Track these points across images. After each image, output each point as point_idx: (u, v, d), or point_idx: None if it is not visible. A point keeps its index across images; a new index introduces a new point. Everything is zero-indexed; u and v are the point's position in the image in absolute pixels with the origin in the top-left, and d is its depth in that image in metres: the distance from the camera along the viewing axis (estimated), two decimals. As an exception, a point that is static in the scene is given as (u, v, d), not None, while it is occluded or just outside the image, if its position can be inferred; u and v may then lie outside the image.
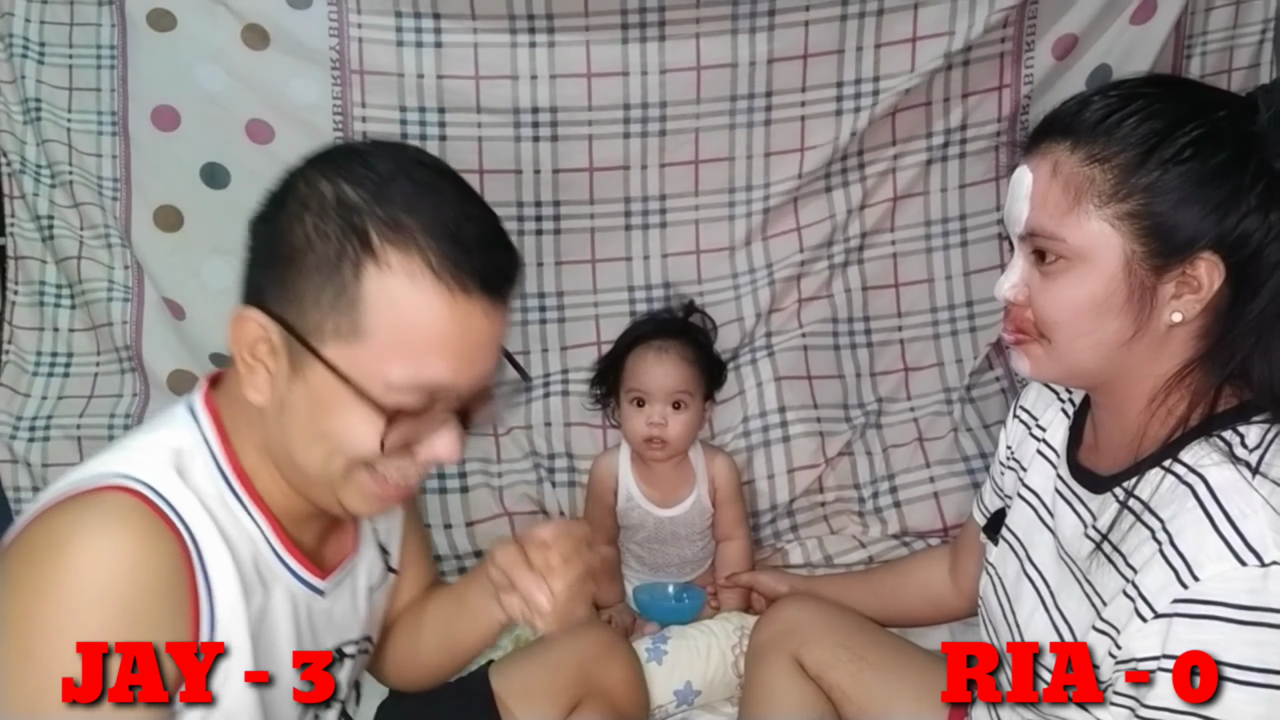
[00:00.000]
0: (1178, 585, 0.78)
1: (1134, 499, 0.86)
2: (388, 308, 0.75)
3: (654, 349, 1.56)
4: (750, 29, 1.73)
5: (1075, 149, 0.85)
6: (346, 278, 0.74)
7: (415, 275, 0.74)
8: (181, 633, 0.76)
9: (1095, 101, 0.86)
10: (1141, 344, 0.86)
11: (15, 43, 1.87)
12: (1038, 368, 0.91)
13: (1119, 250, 0.83)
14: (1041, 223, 0.86)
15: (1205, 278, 0.83)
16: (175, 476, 0.79)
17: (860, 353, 1.95)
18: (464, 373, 0.78)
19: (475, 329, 0.77)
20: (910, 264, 1.93)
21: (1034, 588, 0.98)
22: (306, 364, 0.77)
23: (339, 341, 0.76)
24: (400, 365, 0.75)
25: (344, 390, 0.76)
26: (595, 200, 1.85)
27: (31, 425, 1.88)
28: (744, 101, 1.79)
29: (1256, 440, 0.82)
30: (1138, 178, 0.83)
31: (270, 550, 0.84)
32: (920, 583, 1.37)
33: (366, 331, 0.75)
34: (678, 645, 1.48)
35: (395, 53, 1.72)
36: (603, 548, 1.65)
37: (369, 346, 0.75)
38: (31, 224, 1.93)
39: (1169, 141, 0.82)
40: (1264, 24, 1.86)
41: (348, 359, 0.76)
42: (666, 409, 1.54)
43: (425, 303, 0.75)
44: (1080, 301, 0.85)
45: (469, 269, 0.75)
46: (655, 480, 1.63)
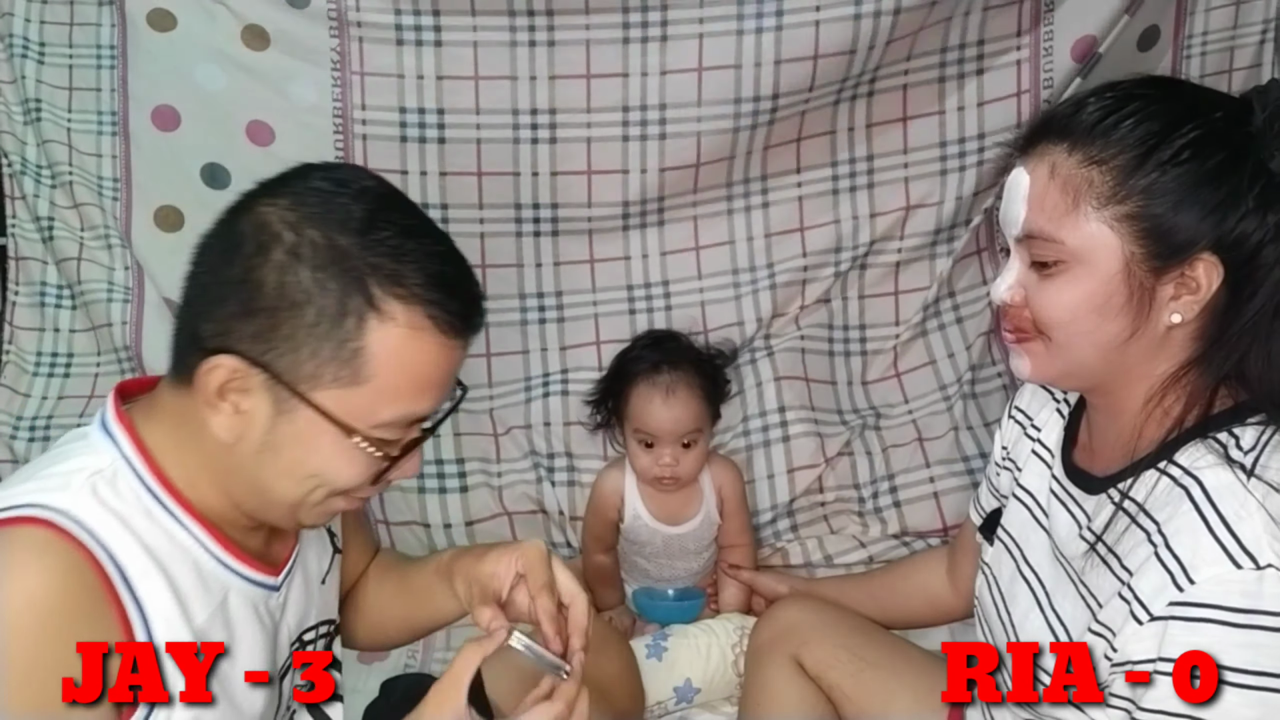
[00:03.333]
0: (1173, 588, 0.78)
1: (1129, 500, 0.86)
2: (390, 357, 0.77)
3: (661, 389, 1.50)
4: (756, 29, 1.71)
5: (1073, 151, 0.85)
6: (349, 330, 0.76)
7: (417, 326, 0.77)
8: None
9: (1091, 103, 0.86)
10: (1140, 345, 0.86)
11: (15, 43, 1.88)
12: (1038, 366, 0.91)
13: (1118, 252, 0.83)
14: (1039, 224, 0.86)
15: (1204, 279, 0.83)
16: (92, 500, 0.77)
17: (854, 360, 1.94)
18: (441, 401, 0.83)
19: (456, 362, 0.82)
20: (913, 272, 1.92)
21: (1029, 588, 0.98)
22: (294, 407, 0.77)
23: (336, 387, 0.77)
24: (394, 406, 0.79)
25: (335, 431, 0.78)
26: (593, 202, 1.84)
27: (32, 425, 1.89)
28: (749, 104, 1.75)
29: (1252, 442, 0.82)
30: (1136, 179, 0.83)
31: (212, 558, 0.83)
32: (918, 583, 1.37)
33: (367, 378, 0.77)
34: (678, 643, 1.48)
35: (395, 52, 1.72)
36: (598, 556, 1.65)
37: (366, 392, 0.77)
38: (32, 225, 1.93)
39: (1167, 143, 0.82)
40: (1264, 24, 1.86)
41: (341, 402, 0.77)
42: (676, 449, 1.51)
43: (424, 350, 0.78)
44: (1079, 302, 0.85)
45: (458, 313, 0.79)
46: (662, 500, 1.60)
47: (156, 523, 0.80)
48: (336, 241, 0.76)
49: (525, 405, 1.89)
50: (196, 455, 0.81)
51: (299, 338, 0.76)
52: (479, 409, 1.89)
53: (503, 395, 1.90)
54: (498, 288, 1.86)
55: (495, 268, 1.86)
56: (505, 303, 1.88)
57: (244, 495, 0.83)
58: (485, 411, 1.89)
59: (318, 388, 0.77)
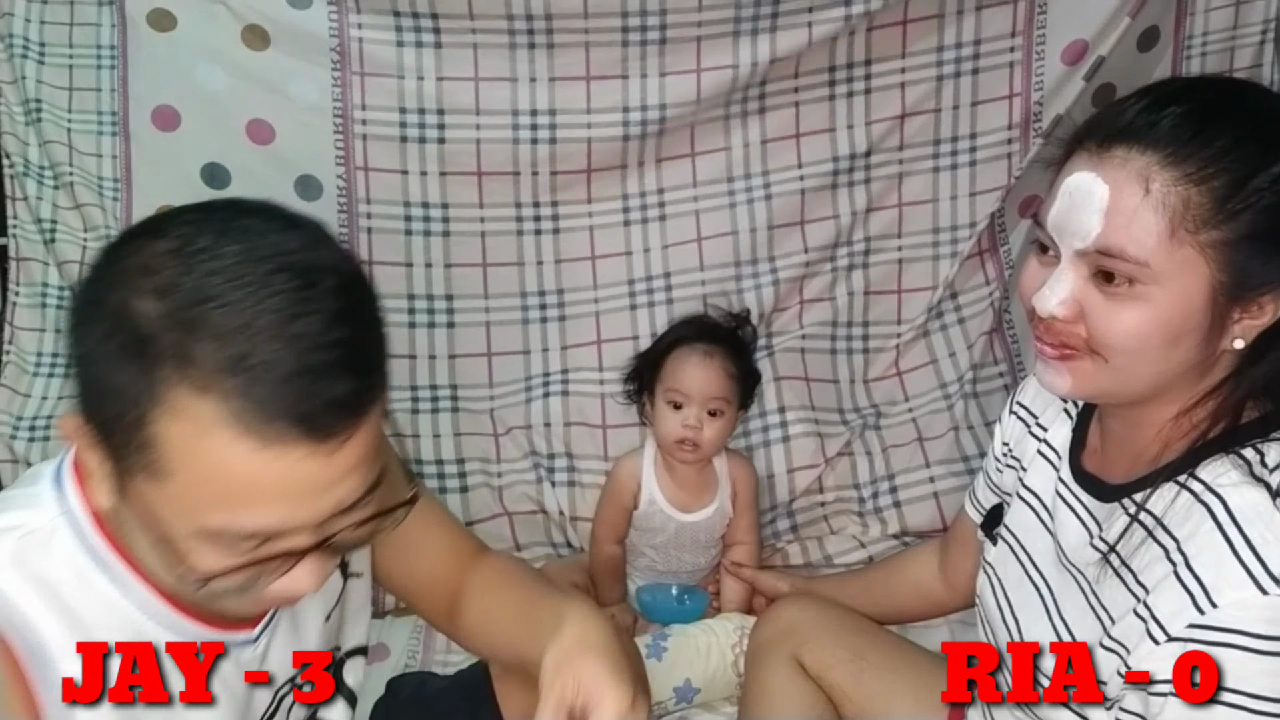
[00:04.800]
0: (1194, 610, 0.75)
1: (1145, 513, 0.83)
2: (184, 454, 0.63)
3: (700, 352, 1.55)
4: (752, 31, 1.72)
5: (1166, 165, 0.78)
6: (143, 413, 0.63)
7: (208, 426, 0.62)
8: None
9: (1173, 110, 0.79)
10: (1196, 368, 0.82)
11: (15, 43, 1.87)
12: (1081, 384, 0.85)
13: (1206, 280, 0.78)
14: (1120, 244, 0.78)
15: (1273, 306, 0.80)
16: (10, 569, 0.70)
17: (856, 358, 1.94)
18: (300, 517, 0.67)
19: (303, 476, 0.64)
20: (916, 270, 1.93)
21: (1037, 592, 0.97)
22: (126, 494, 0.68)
23: (146, 479, 0.65)
24: (213, 514, 0.65)
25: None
26: (593, 199, 1.85)
27: (32, 425, 1.89)
28: (738, 93, 1.79)
29: (1278, 459, 0.79)
30: (1233, 204, 0.77)
31: (154, 623, 0.75)
32: (911, 578, 1.37)
33: (168, 474, 0.64)
34: (678, 642, 1.48)
35: (395, 53, 1.72)
36: (608, 547, 1.65)
37: (174, 489, 0.64)
38: (34, 226, 1.93)
39: (1264, 168, 0.77)
40: (1264, 24, 1.86)
41: (159, 499, 0.66)
42: (703, 413, 1.54)
43: (225, 455, 0.63)
44: (1154, 328, 0.79)
45: (283, 411, 0.62)
46: (679, 484, 1.62)
47: (91, 588, 0.73)
48: (140, 310, 0.62)
49: (525, 405, 1.89)
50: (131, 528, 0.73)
51: (102, 408, 0.65)
52: (479, 409, 1.89)
53: (503, 395, 1.90)
54: (499, 286, 1.87)
55: (496, 266, 1.86)
56: (506, 301, 1.88)
57: None
58: (485, 411, 1.89)
59: (131, 472, 0.66)
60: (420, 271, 1.84)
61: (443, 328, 1.87)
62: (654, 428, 1.60)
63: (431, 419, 1.86)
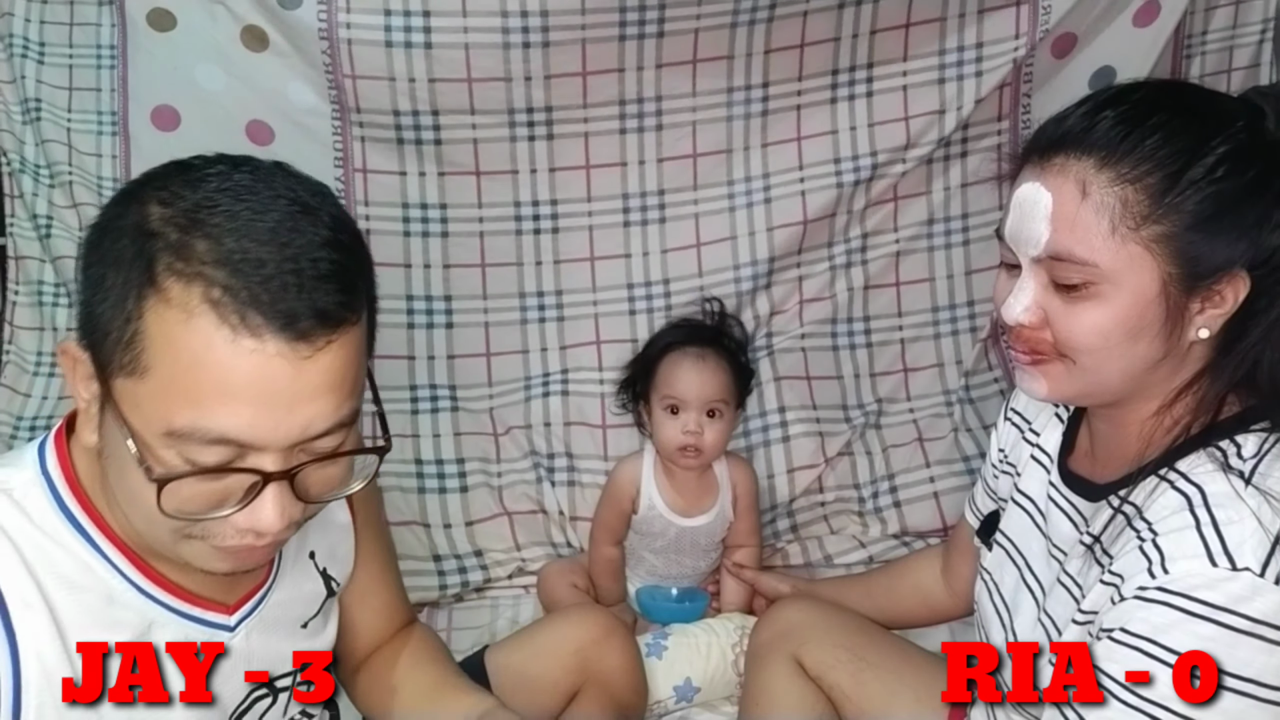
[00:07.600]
0: (1146, 574, 0.78)
1: (1128, 504, 0.85)
2: (165, 344, 0.66)
3: (692, 356, 1.53)
4: (750, 22, 1.72)
5: (1102, 168, 0.81)
6: (131, 309, 0.67)
7: (192, 310, 0.65)
8: None
9: (1107, 114, 0.82)
10: (1166, 362, 0.84)
11: (15, 43, 1.88)
12: (1056, 387, 0.87)
13: (1156, 273, 0.80)
14: (1068, 247, 0.82)
15: (1231, 293, 0.81)
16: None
17: (859, 353, 1.94)
18: (266, 427, 0.68)
19: (274, 376, 0.66)
20: (912, 263, 1.93)
21: (1033, 596, 0.98)
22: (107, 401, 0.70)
23: (123, 375, 0.68)
24: (182, 411, 0.66)
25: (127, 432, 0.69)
26: (593, 198, 1.85)
27: (32, 425, 1.88)
28: (740, 93, 1.79)
29: (1253, 450, 0.81)
30: (1171, 198, 0.79)
31: (132, 588, 0.77)
32: (913, 583, 1.37)
33: (146, 368, 0.67)
34: (678, 641, 1.48)
35: (385, 54, 1.70)
36: (606, 549, 1.65)
37: (150, 385, 0.67)
38: (29, 223, 1.93)
39: (1199, 160, 0.79)
40: (1264, 24, 1.86)
41: (128, 394, 0.68)
42: (702, 417, 1.52)
43: (203, 342, 0.65)
44: (1113, 326, 0.82)
45: (263, 305, 0.65)
46: (679, 489, 1.60)
47: (64, 548, 0.75)
48: (149, 216, 0.68)
49: (525, 405, 1.89)
50: (106, 478, 0.75)
51: (101, 315, 0.69)
52: (479, 409, 1.89)
53: (502, 395, 1.90)
54: (498, 287, 1.87)
55: (495, 266, 1.86)
56: (505, 301, 1.88)
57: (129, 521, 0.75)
58: (485, 411, 1.89)
59: (113, 374, 0.69)
60: (419, 272, 1.84)
61: (441, 328, 1.87)
62: (653, 435, 1.58)
63: (431, 419, 1.86)
